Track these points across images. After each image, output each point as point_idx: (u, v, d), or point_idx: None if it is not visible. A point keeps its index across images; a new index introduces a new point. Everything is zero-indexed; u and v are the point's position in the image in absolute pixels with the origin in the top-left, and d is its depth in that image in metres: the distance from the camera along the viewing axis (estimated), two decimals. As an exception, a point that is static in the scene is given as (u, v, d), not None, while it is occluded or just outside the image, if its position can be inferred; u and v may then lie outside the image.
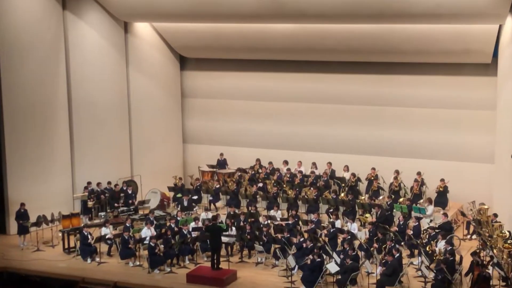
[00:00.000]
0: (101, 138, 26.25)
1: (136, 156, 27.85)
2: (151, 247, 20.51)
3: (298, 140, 28.10)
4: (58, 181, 24.98)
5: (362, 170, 25.64)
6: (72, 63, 25.40)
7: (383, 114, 26.75)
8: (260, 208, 25.08)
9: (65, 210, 24.08)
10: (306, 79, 27.90)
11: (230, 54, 28.35)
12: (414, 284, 19.24)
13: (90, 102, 25.91)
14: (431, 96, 25.87)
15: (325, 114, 27.69)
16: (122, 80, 27.16)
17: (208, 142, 29.67)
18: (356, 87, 27.06)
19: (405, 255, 20.61)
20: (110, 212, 24.92)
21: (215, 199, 26.28)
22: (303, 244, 20.30)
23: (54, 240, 23.08)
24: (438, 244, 20.11)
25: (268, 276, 20.17)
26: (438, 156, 25.86)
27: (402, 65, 26.16)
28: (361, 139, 27.04)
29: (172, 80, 29.42)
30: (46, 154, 24.63)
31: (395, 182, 24.83)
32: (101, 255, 21.63)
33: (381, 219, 22.61)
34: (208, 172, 28.37)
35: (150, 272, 20.46)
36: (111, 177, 25.87)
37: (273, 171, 27.16)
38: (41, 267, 21.15)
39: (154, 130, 28.43)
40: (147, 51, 28.14)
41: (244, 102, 29.08)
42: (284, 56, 27.58)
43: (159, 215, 23.98)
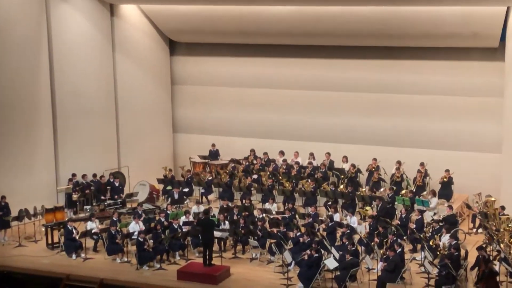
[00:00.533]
0: (86, 128, 26.28)
1: (124, 146, 27.90)
2: (139, 242, 20.60)
3: (295, 130, 28.18)
4: (41, 173, 25.04)
5: (363, 160, 25.75)
6: (55, 49, 25.41)
7: (384, 101, 26.85)
8: (255, 201, 25.20)
9: (49, 203, 24.10)
10: (303, 64, 27.95)
11: (223, 38, 28.38)
12: (417, 280, 19.37)
13: (74, 90, 25.93)
14: (435, 82, 25.97)
15: (324, 101, 27.77)
16: (108, 66, 27.17)
17: (200, 131, 29.74)
18: (356, 73, 27.13)
19: (407, 250, 20.74)
20: (96, 205, 24.98)
21: (207, 191, 26.38)
22: (300, 238, 20.42)
23: (37, 235, 23.12)
24: (442, 238, 20.24)
25: (263, 272, 20.28)
26: (443, 146, 25.98)
27: (405, 49, 26.24)
28: (362, 128, 27.14)
29: (161, 66, 29.44)
30: (28, 145, 24.68)
31: (397, 173, 24.96)
32: (87, 251, 21.69)
33: (382, 212, 22.74)
34: (200, 163, 28.46)
35: (139, 269, 20.55)
36: (97, 169, 25.94)
37: (268, 162, 27.26)
38: (23, 264, 21.20)
39: (143, 119, 28.46)
40: (134, 36, 28.15)
41: (238, 89, 29.13)
42: (280, 40, 27.63)
43: (148, 209, 24.06)
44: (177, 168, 28.82)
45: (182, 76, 30.05)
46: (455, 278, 18.21)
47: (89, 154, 26.22)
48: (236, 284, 19.54)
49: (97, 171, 25.86)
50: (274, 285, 19.30)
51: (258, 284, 19.47)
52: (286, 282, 19.30)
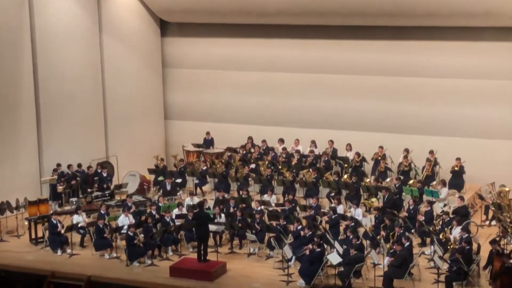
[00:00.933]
0: (71, 115, 26.23)
1: (112, 134, 27.86)
2: (129, 236, 20.55)
3: (295, 116, 28.15)
4: (23, 163, 24.97)
5: (368, 148, 25.73)
6: (37, 30, 25.27)
7: (391, 85, 26.79)
8: (253, 192, 25.16)
9: (32, 195, 24.07)
10: (305, 46, 27.89)
11: (218, 18, 28.29)
12: (426, 276, 19.35)
13: (58, 75, 25.85)
14: (445, 64, 25.92)
15: (326, 85, 27.72)
16: (95, 49, 27.09)
17: (193, 118, 29.72)
18: (362, 54, 27.07)
19: (415, 244, 20.74)
20: (83, 197, 24.98)
21: (201, 182, 26.35)
22: (301, 232, 20.38)
23: (20, 229, 23.08)
24: (453, 231, 20.20)
25: (262, 268, 20.26)
26: (454, 133, 25.95)
27: (413, 29, 26.17)
28: (367, 114, 27.10)
29: (152, 49, 29.38)
30: (10, 134, 24.60)
31: (405, 162, 24.92)
32: (73, 246, 21.66)
33: (389, 204, 22.71)
34: (194, 152, 28.43)
35: (129, 265, 20.52)
36: (83, 159, 25.91)
37: (267, 150, 27.22)
38: (5, 260, 21.16)
39: (132, 105, 28.43)
40: (123, 16, 28.07)
41: (234, 72, 29.09)
42: (280, 20, 27.53)
43: (138, 201, 24.06)
44: (169, 157, 28.81)
45: (174, 59, 29.99)
46: (467, 274, 18.19)
47: (75, 143, 26.20)
48: (233, 281, 19.51)
49: (83, 161, 25.83)
50: (274, 281, 19.27)
51: (256, 280, 19.44)
52: (286, 278, 19.26)
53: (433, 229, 20.60)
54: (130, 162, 27.13)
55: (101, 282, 19.94)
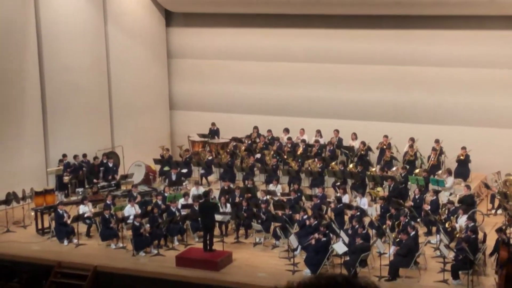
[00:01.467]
0: (77, 106, 26.22)
1: (117, 125, 27.86)
2: (135, 226, 20.58)
3: (300, 105, 28.08)
4: (29, 154, 24.99)
5: (373, 138, 25.68)
6: (43, 21, 25.27)
7: (396, 74, 26.71)
8: (258, 182, 25.14)
9: (38, 186, 24.07)
10: (310, 35, 27.81)
11: (223, 8, 28.24)
12: (432, 265, 19.36)
13: (63, 65, 25.83)
14: (450, 53, 25.83)
15: (331, 75, 27.65)
16: (100, 39, 27.05)
17: (199, 108, 29.67)
18: (367, 44, 26.98)
19: (421, 233, 20.72)
20: (89, 188, 24.97)
21: (207, 172, 26.33)
22: (307, 221, 20.37)
23: (26, 220, 23.12)
24: (458, 220, 20.20)
25: (268, 258, 20.28)
26: (459, 122, 25.87)
27: (418, 18, 26.08)
28: (372, 103, 27.03)
29: (157, 39, 29.32)
30: (16, 125, 24.62)
31: (410, 151, 24.88)
32: (79, 236, 21.70)
33: (395, 193, 22.69)
34: (199, 142, 28.40)
35: (135, 255, 20.55)
36: (89, 149, 25.90)
37: (272, 140, 27.18)
38: (12, 250, 21.23)
39: (137, 95, 28.39)
40: (128, 6, 28.02)
41: (239, 62, 29.02)
42: (285, 9, 27.46)
43: (144, 191, 24.08)
44: (174, 148, 28.77)
45: (179, 49, 29.93)
46: (473, 263, 18.17)
47: (81, 134, 26.20)
48: (239, 271, 19.54)
49: (89, 151, 25.83)
50: (279, 271, 19.28)
51: (262, 270, 19.46)
52: (292, 268, 19.29)
53: (439, 218, 20.59)
54: (135, 152, 27.11)
55: (107, 272, 20.03)
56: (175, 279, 19.33)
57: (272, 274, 19.07)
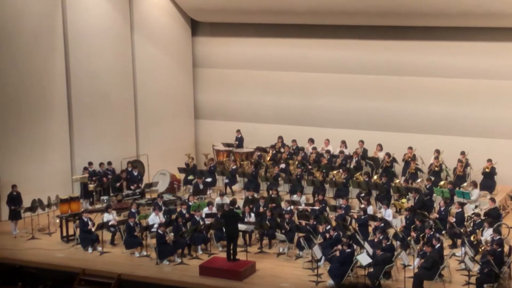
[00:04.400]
0: (103, 114, 26.37)
1: (142, 133, 27.98)
2: (159, 235, 20.64)
3: (325, 116, 28.06)
4: (55, 161, 25.16)
5: (398, 149, 25.61)
6: (70, 29, 25.46)
7: (421, 85, 26.63)
8: (282, 192, 25.14)
9: (63, 193, 24.20)
10: (335, 46, 27.80)
11: (249, 18, 28.30)
12: (456, 278, 19.24)
13: (90, 73, 26.01)
14: (476, 65, 25.73)
15: (357, 86, 27.61)
16: (126, 48, 27.22)
17: (224, 117, 29.72)
18: (392, 54, 26.94)
19: (446, 245, 20.59)
20: (114, 196, 25.07)
21: (231, 181, 26.35)
22: (327, 235, 20.33)
23: (51, 227, 23.26)
24: (484, 233, 20.08)
25: (291, 268, 20.24)
26: (485, 133, 25.74)
27: (446, 29, 26.00)
28: (397, 115, 26.97)
29: (182, 48, 29.43)
30: (42, 132, 24.80)
31: (436, 163, 24.78)
32: (104, 244, 21.78)
33: (419, 205, 22.59)
34: (224, 151, 28.45)
35: (159, 264, 20.60)
36: (114, 157, 26.04)
37: (297, 150, 27.18)
38: (37, 257, 21.34)
39: (163, 104, 28.50)
40: (154, 15, 28.17)
41: (264, 72, 29.06)
42: (310, 20, 27.46)
43: (169, 200, 24.12)
44: (199, 156, 28.83)
45: (205, 58, 30.02)
46: (498, 276, 18.07)
47: (106, 142, 26.33)
48: (262, 281, 19.52)
49: (114, 160, 25.96)
50: (303, 282, 19.25)
51: (285, 280, 19.43)
52: (316, 279, 19.24)
53: (464, 231, 20.47)
54: (160, 161, 27.19)
55: (131, 280, 20.06)
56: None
57: (296, 285, 19.04)
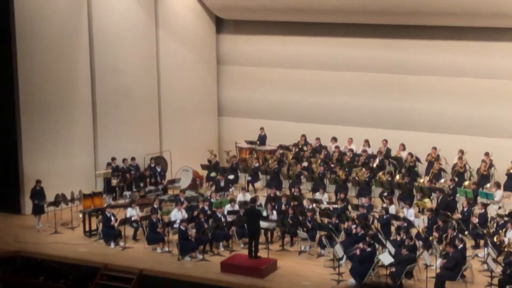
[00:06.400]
0: (126, 110, 26.45)
1: (166, 130, 28.02)
2: (181, 231, 20.68)
3: (349, 114, 27.96)
4: (79, 156, 25.29)
5: (421, 149, 25.49)
6: (95, 25, 25.57)
7: (447, 85, 26.45)
8: (305, 190, 25.09)
9: (87, 188, 24.35)
10: (359, 44, 27.68)
11: (273, 16, 28.25)
12: (478, 279, 19.14)
13: (115, 69, 26.10)
14: (502, 65, 25.49)
15: (381, 84, 27.48)
16: (151, 44, 27.27)
17: (247, 115, 29.68)
18: (416, 54, 26.76)
19: (469, 246, 20.46)
20: (137, 191, 25.14)
21: (253, 179, 26.35)
22: (353, 230, 20.29)
23: (74, 221, 23.40)
24: (507, 234, 19.95)
25: (313, 266, 20.23)
26: (510, 134, 25.52)
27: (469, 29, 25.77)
28: (422, 114, 26.80)
29: (207, 45, 29.44)
30: (66, 127, 24.95)
31: (460, 163, 24.63)
32: (126, 239, 21.86)
33: (443, 205, 22.48)
34: (247, 149, 28.45)
35: (180, 259, 20.66)
36: (137, 153, 26.12)
37: (320, 148, 27.13)
38: (59, 252, 21.48)
39: (186, 101, 28.53)
40: (179, 12, 28.19)
41: (288, 70, 29.00)
42: (334, 18, 27.37)
43: (191, 196, 24.19)
44: (222, 153, 28.85)
45: (229, 56, 30.01)
46: (521, 278, 17.94)
47: (130, 138, 26.41)
48: (283, 279, 19.53)
49: (137, 155, 26.03)
50: (324, 280, 19.23)
51: (306, 278, 19.43)
52: (337, 277, 19.21)
53: (487, 232, 20.35)
54: (183, 157, 27.24)
55: (153, 276, 20.16)
56: (219, 285, 19.39)
57: (317, 283, 19.04)
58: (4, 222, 23.48)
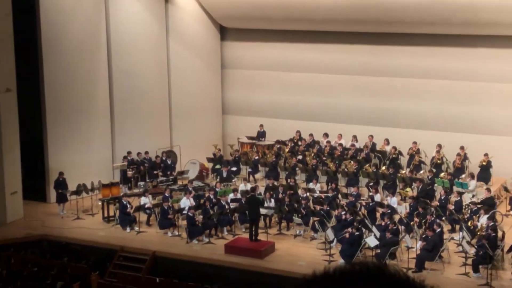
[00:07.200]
0: (141, 109, 26.45)
1: (176, 126, 28.02)
2: (189, 217, 20.70)
3: (338, 113, 27.96)
4: (98, 151, 25.30)
5: (403, 144, 25.47)
6: (113, 33, 25.57)
7: (426, 86, 26.43)
8: (299, 180, 25.09)
9: (105, 179, 24.34)
10: (348, 50, 27.68)
11: (271, 25, 28.23)
12: (454, 259, 19.17)
13: (130, 72, 26.09)
14: (474, 69, 25.49)
15: (367, 86, 27.46)
16: (162, 50, 27.27)
17: (248, 113, 29.67)
18: (397, 59, 26.75)
19: (446, 230, 20.50)
20: (150, 182, 25.15)
21: (254, 170, 26.36)
22: (343, 216, 20.30)
23: (94, 208, 23.42)
24: (480, 219, 19.96)
25: (307, 248, 20.26)
26: (482, 130, 25.52)
27: (446, 37, 25.76)
28: (403, 113, 26.80)
29: (212, 51, 29.43)
30: (87, 124, 24.94)
31: (437, 156, 24.63)
32: (140, 224, 21.89)
33: (422, 194, 22.49)
34: (247, 143, 28.44)
35: (189, 242, 20.68)
36: (150, 147, 26.10)
37: (313, 143, 27.12)
38: (81, 236, 21.52)
39: (194, 101, 28.52)
40: (187, 22, 28.18)
41: (285, 73, 28.99)
42: (326, 27, 27.36)
43: (198, 186, 24.18)
44: (225, 148, 28.84)
45: (232, 61, 29.99)
46: (492, 258, 17.95)
47: (144, 134, 26.39)
48: (281, 259, 19.55)
49: (150, 149, 26.03)
50: (317, 261, 19.25)
51: (301, 259, 19.45)
52: (328, 258, 19.23)
53: (462, 217, 20.37)
54: (191, 151, 27.22)
55: (164, 257, 20.18)
56: (223, 265, 19.42)
57: (311, 263, 19.03)
58: (32, 210, 23.48)
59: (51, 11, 23.69)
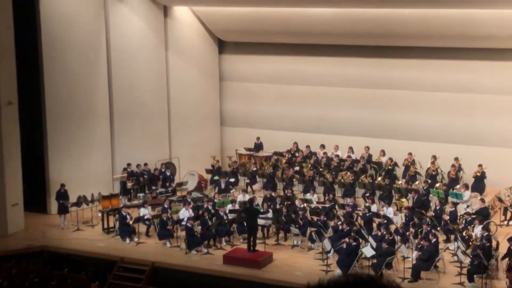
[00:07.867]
0: (140, 121, 26.48)
1: (175, 138, 28.04)
2: (188, 228, 20.71)
3: (335, 124, 28.01)
4: (98, 162, 25.30)
5: (399, 155, 25.51)
6: (113, 46, 25.62)
7: (420, 99, 26.51)
8: (297, 191, 25.11)
9: (105, 190, 24.34)
10: (344, 63, 27.77)
11: (269, 38, 28.33)
12: (450, 269, 19.18)
13: (130, 85, 26.14)
14: (468, 81, 25.57)
15: (363, 98, 27.53)
16: (161, 64, 27.34)
17: (246, 125, 29.72)
18: (393, 72, 26.84)
19: (441, 240, 20.51)
20: (149, 193, 25.16)
21: (252, 181, 26.38)
22: (340, 227, 20.32)
23: (94, 220, 23.40)
24: (474, 229, 19.98)
25: (304, 259, 20.26)
26: (476, 142, 25.59)
27: (443, 50, 25.85)
28: (399, 124, 26.86)
29: (210, 64, 29.50)
30: (87, 136, 24.97)
31: (432, 167, 24.68)
32: (140, 235, 21.89)
33: (418, 204, 22.52)
34: (245, 155, 28.48)
35: (187, 253, 20.68)
36: (150, 159, 26.13)
37: (310, 154, 27.16)
38: (81, 247, 21.50)
39: (193, 113, 28.56)
40: (186, 35, 28.26)
41: (282, 86, 29.05)
42: (323, 40, 27.46)
43: (197, 197, 24.17)
44: (224, 159, 28.87)
45: (230, 73, 30.06)
46: (486, 268, 18.00)
47: (143, 145, 26.40)
48: (278, 269, 19.54)
49: (150, 161, 26.05)
50: (314, 271, 19.25)
51: (298, 269, 19.45)
52: (325, 268, 19.23)
53: (457, 227, 20.39)
54: (190, 163, 27.26)
55: (163, 268, 20.15)
56: (222, 275, 19.40)
57: (308, 273, 19.02)
58: (33, 221, 23.47)
59: (51, 23, 23.75)
